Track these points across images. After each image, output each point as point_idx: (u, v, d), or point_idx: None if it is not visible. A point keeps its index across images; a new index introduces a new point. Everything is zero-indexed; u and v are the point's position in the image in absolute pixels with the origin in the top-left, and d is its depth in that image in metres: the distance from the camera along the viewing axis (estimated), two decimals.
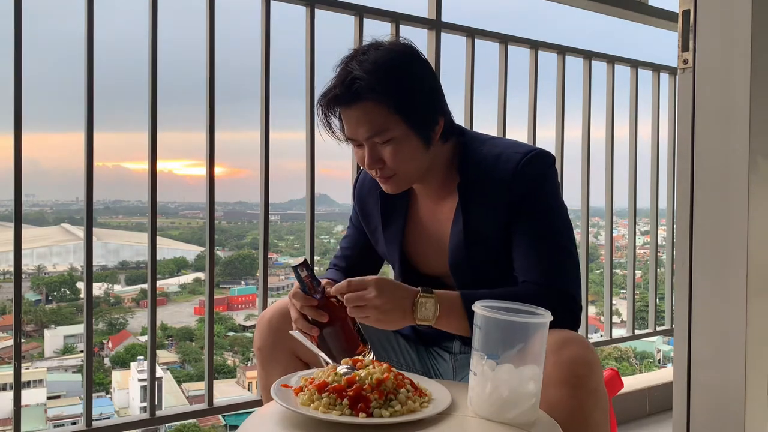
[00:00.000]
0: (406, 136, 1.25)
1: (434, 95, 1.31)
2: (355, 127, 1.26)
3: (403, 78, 1.25)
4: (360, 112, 1.24)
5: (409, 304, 1.19)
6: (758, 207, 1.18)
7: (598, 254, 4.51)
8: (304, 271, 1.22)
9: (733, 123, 1.19)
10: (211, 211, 1.93)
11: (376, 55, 1.24)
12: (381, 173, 1.30)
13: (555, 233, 1.29)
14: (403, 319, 1.19)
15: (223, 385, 12.55)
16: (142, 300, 15.26)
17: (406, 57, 1.28)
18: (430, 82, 1.30)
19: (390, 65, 1.24)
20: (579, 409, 1.09)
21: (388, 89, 1.22)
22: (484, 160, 1.32)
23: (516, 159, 1.28)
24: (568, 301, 1.25)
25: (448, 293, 1.23)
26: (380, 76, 1.22)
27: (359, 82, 1.21)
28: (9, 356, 1.95)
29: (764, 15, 1.17)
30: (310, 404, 1.00)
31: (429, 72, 1.31)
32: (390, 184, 1.33)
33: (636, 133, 2.94)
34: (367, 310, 1.16)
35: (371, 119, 1.24)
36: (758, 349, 1.20)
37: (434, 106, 1.30)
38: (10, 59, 1.64)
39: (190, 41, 3.12)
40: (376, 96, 1.22)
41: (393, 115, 1.23)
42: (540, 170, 1.30)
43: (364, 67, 1.23)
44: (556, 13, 38.43)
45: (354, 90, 1.22)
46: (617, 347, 10.48)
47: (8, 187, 1.65)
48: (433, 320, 1.20)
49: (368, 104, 1.23)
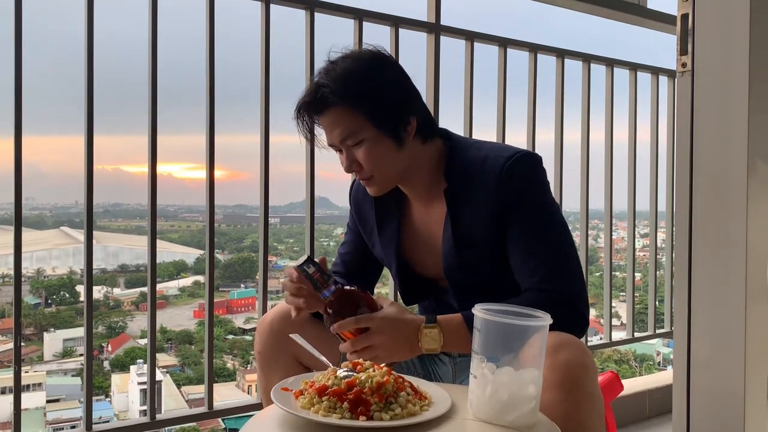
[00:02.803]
0: (377, 137, 1.30)
1: (403, 96, 1.34)
2: (329, 132, 1.33)
3: (367, 82, 1.29)
4: (330, 118, 1.31)
5: (415, 337, 1.22)
6: (757, 209, 1.18)
7: (598, 257, 4.51)
8: (311, 268, 1.23)
9: (732, 126, 1.19)
10: (211, 214, 1.93)
11: (344, 64, 1.31)
12: (360, 175, 1.36)
13: (550, 235, 1.30)
14: (411, 353, 1.23)
15: (223, 388, 12.53)
16: (142, 303, 15.24)
17: (372, 62, 1.33)
18: (397, 84, 1.34)
19: (354, 71, 1.29)
20: (575, 413, 1.09)
21: (353, 94, 1.28)
22: (470, 164, 1.33)
23: (501, 162, 1.30)
24: (574, 302, 1.25)
25: (451, 318, 1.24)
26: (345, 82, 1.28)
27: (324, 89, 1.28)
28: (8, 360, 1.94)
29: (762, 19, 1.18)
30: (310, 407, 1.00)
31: (397, 74, 1.35)
32: (371, 186, 1.37)
33: (635, 136, 2.94)
34: (375, 350, 1.20)
35: (341, 123, 1.30)
36: (757, 351, 1.20)
37: (403, 107, 1.32)
38: (10, 62, 1.64)
39: (190, 44, 3.12)
40: (341, 101, 1.28)
41: (360, 118, 1.28)
42: (527, 172, 1.30)
43: (330, 75, 1.29)
44: (555, 17, 38.46)
45: (320, 97, 1.29)
46: (617, 350, 10.48)
47: (8, 191, 1.65)
48: (439, 348, 1.23)
49: (336, 110, 1.29)
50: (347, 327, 1.20)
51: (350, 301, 1.23)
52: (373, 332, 1.20)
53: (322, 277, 1.23)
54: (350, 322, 1.19)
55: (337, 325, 1.20)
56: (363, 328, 1.20)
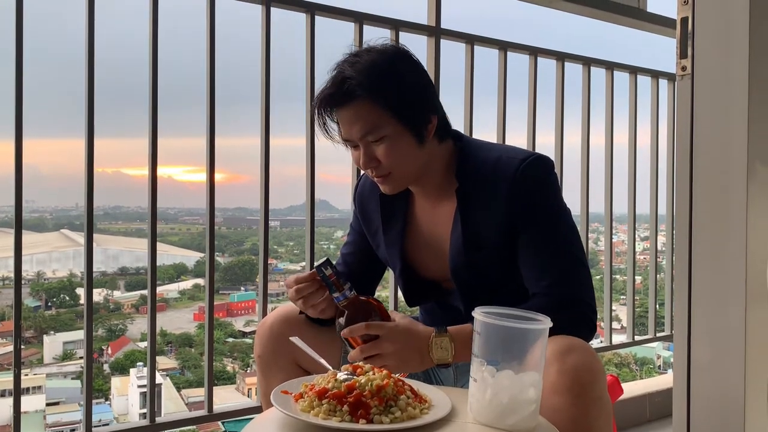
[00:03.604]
0: (399, 133, 1.28)
1: (426, 94, 1.33)
2: (349, 127, 1.29)
3: (393, 77, 1.27)
4: (352, 111, 1.27)
5: (425, 347, 1.21)
6: (757, 213, 1.19)
7: (598, 260, 4.50)
8: (329, 270, 1.22)
9: (732, 129, 1.20)
10: (211, 216, 1.94)
11: (368, 57, 1.28)
12: (376, 172, 1.32)
13: (561, 240, 1.29)
14: (422, 363, 1.22)
15: (223, 391, 12.51)
16: (142, 306, 15.24)
17: (397, 57, 1.31)
18: (421, 81, 1.33)
19: (380, 65, 1.27)
20: (583, 417, 1.08)
21: (379, 87, 1.25)
22: (482, 165, 1.33)
23: (515, 164, 1.29)
24: (581, 308, 1.24)
25: (461, 328, 1.23)
26: (371, 75, 1.25)
27: (350, 81, 1.25)
28: (8, 362, 1.94)
29: (762, 22, 1.18)
30: (310, 411, 1.00)
31: (420, 71, 1.34)
32: (386, 184, 1.35)
33: (635, 139, 2.95)
34: (385, 359, 1.18)
35: (363, 117, 1.26)
36: (758, 354, 1.20)
37: (426, 105, 1.31)
38: (11, 64, 1.64)
39: (190, 47, 3.12)
40: (367, 94, 1.25)
41: (385, 112, 1.26)
42: (540, 175, 1.30)
43: (356, 68, 1.26)
44: (555, 20, 38.56)
45: (345, 89, 1.25)
46: (617, 353, 10.44)
47: (9, 193, 1.65)
48: (450, 358, 1.21)
49: (360, 103, 1.26)
50: (357, 332, 1.19)
51: (364, 308, 1.22)
52: (383, 340, 1.19)
53: (338, 280, 1.22)
54: (361, 328, 1.19)
55: (348, 330, 1.19)
56: (372, 336, 1.19)
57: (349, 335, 1.20)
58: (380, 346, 1.19)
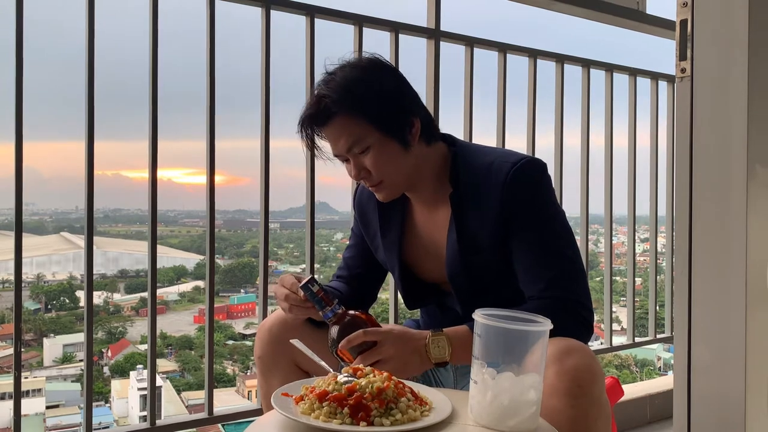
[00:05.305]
0: (383, 141, 1.30)
1: (403, 100, 1.34)
2: (334, 143, 1.33)
3: (368, 88, 1.30)
4: (334, 128, 1.31)
5: (423, 347, 1.22)
6: (757, 214, 1.19)
7: (598, 261, 4.51)
8: (315, 286, 1.23)
9: (731, 131, 1.20)
10: (212, 219, 1.94)
11: (342, 73, 1.31)
12: (369, 182, 1.35)
13: (555, 242, 1.29)
14: (422, 365, 1.23)
15: (223, 393, 12.51)
16: (142, 308, 15.25)
17: (369, 67, 1.34)
18: (398, 88, 1.35)
19: (353, 79, 1.30)
20: (582, 419, 1.09)
21: (354, 101, 1.28)
22: (476, 170, 1.34)
23: (506, 168, 1.30)
24: (577, 310, 1.25)
25: (457, 329, 1.24)
26: (345, 91, 1.28)
27: (325, 100, 1.29)
28: (8, 365, 1.94)
29: (761, 24, 1.18)
30: (310, 413, 1.00)
31: (397, 77, 1.36)
32: (381, 192, 1.37)
33: (635, 141, 2.95)
34: (386, 363, 1.19)
35: (346, 132, 1.30)
36: (758, 355, 1.20)
37: (405, 109, 1.33)
38: (11, 67, 1.64)
39: (190, 49, 3.13)
40: (344, 110, 1.28)
41: (365, 124, 1.29)
42: (532, 178, 1.31)
43: (330, 86, 1.30)
44: (554, 22, 38.60)
45: (323, 108, 1.29)
46: (617, 355, 10.46)
47: (9, 196, 1.65)
48: (448, 356, 1.23)
49: (339, 119, 1.29)
50: (356, 341, 1.19)
51: (354, 323, 1.22)
52: (383, 345, 1.20)
53: (326, 295, 1.23)
54: (359, 335, 1.19)
55: (345, 340, 1.19)
56: (365, 349, 1.20)
57: (346, 346, 1.20)
58: (381, 351, 1.19)
